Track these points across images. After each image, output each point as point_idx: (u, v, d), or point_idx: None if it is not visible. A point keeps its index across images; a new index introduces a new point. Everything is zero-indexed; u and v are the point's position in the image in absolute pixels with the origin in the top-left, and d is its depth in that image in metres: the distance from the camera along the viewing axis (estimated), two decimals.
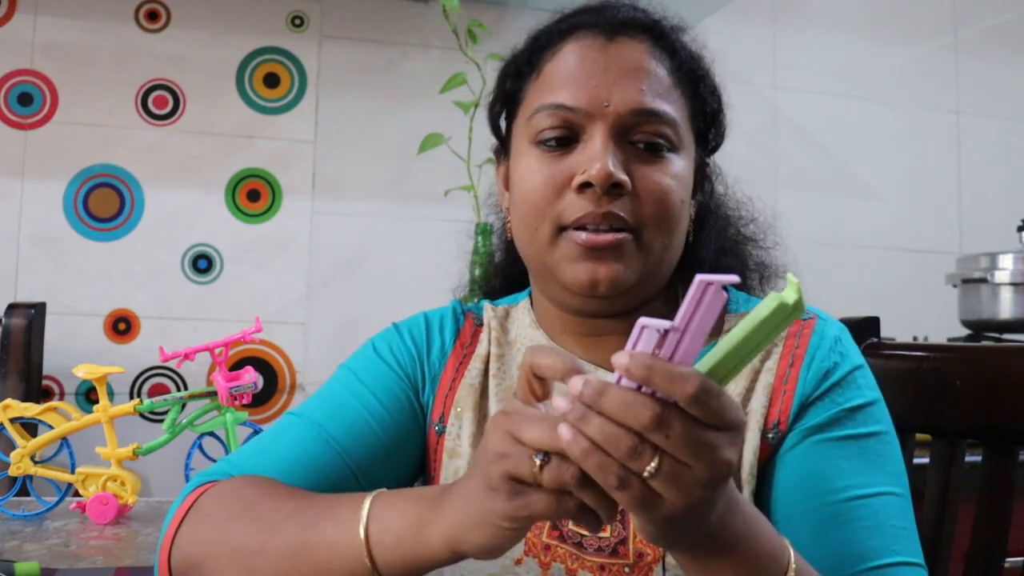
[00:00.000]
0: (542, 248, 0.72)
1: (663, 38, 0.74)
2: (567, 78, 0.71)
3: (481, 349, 0.80)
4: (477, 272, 1.58)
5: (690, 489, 0.45)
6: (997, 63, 2.31)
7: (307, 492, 0.67)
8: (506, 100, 0.79)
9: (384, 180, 1.89)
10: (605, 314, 0.74)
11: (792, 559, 0.55)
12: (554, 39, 0.75)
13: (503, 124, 0.81)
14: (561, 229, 0.70)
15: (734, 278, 0.43)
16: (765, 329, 0.47)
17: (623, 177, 0.68)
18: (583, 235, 0.69)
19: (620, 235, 0.69)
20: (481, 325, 0.83)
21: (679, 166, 0.71)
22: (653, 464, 0.44)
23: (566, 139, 0.71)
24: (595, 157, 0.68)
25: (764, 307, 0.46)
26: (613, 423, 0.44)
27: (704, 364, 0.47)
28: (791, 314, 0.47)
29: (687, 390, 0.44)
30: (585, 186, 0.69)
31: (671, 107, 0.71)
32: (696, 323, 0.45)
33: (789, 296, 0.46)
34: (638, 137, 0.70)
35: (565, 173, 0.70)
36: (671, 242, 0.72)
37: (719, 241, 0.80)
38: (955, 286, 1.94)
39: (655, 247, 0.70)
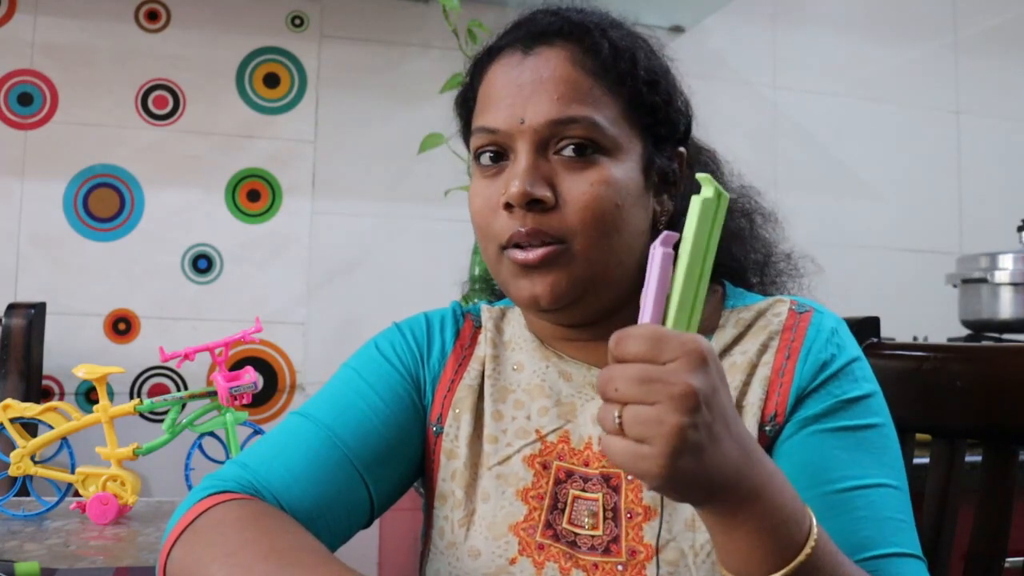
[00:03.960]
0: (493, 266, 0.74)
1: (584, 39, 0.73)
2: (491, 100, 0.73)
3: (479, 351, 0.81)
4: (477, 272, 1.58)
5: (660, 422, 0.49)
6: (997, 63, 2.31)
7: (299, 549, 0.62)
8: (465, 129, 0.82)
9: (384, 180, 1.89)
10: (576, 324, 0.75)
11: (813, 524, 0.55)
12: (484, 62, 0.77)
13: None
14: (502, 248, 0.71)
15: (672, 234, 0.54)
16: (704, 231, 0.54)
17: (542, 193, 0.68)
18: (518, 254, 0.69)
19: (549, 248, 0.69)
20: (480, 327, 0.83)
21: (613, 169, 0.70)
22: (616, 413, 0.50)
23: (499, 155, 0.73)
24: (515, 176, 0.69)
25: (692, 214, 0.54)
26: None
27: (672, 303, 0.53)
28: (718, 205, 0.54)
29: (610, 347, 0.51)
30: (508, 206, 0.70)
31: (591, 110, 0.70)
32: (652, 285, 0.53)
33: (707, 191, 0.54)
34: (562, 144, 0.70)
35: (497, 194, 0.71)
36: (614, 246, 0.70)
37: None
38: (955, 286, 1.93)
39: (593, 255, 0.69)
